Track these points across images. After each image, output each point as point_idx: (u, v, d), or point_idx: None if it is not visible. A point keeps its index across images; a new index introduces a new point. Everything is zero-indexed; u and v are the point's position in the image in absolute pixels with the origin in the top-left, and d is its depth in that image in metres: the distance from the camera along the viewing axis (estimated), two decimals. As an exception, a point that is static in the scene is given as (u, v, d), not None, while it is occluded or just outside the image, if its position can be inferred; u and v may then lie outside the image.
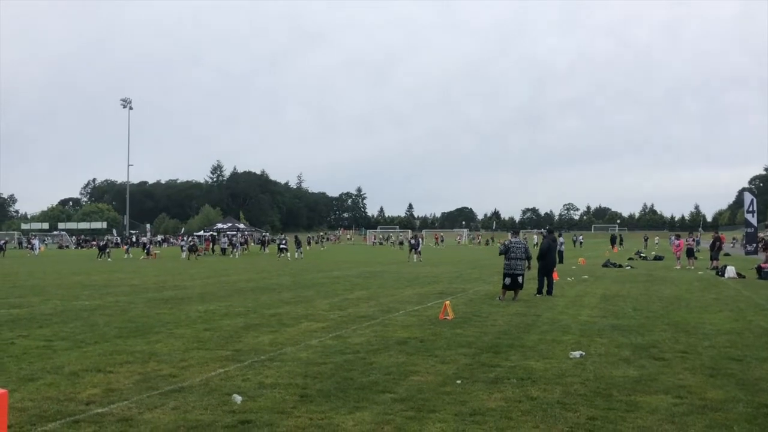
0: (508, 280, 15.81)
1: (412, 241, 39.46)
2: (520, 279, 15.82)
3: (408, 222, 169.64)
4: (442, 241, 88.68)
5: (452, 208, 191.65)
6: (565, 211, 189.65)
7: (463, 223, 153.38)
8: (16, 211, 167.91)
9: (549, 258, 17.30)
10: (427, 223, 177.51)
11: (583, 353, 8.86)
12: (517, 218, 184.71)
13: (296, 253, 44.68)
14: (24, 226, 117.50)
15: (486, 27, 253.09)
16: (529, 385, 7.14)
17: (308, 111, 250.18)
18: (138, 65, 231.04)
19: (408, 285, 20.31)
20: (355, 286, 20.13)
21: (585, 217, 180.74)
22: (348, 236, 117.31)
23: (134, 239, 72.26)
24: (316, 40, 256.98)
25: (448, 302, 12.89)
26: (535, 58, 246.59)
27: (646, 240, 75.66)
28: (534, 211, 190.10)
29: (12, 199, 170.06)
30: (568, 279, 22.38)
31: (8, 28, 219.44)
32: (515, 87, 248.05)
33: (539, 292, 16.96)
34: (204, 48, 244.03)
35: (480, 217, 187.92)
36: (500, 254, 16.39)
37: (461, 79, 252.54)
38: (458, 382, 7.22)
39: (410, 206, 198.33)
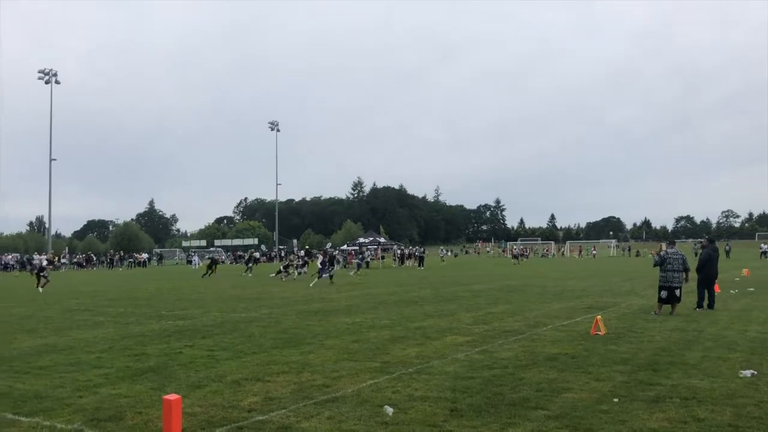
0: (664, 293, 14.89)
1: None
2: (677, 292, 14.85)
3: (550, 233, 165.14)
4: (581, 252, 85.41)
5: (598, 218, 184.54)
6: (724, 219, 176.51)
7: (611, 233, 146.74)
8: (178, 230, 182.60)
9: (709, 269, 16.11)
10: (571, 234, 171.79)
11: (755, 372, 8.15)
12: (669, 227, 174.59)
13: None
14: (185, 243, 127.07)
15: (627, 28, 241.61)
16: (694, 405, 6.67)
17: (444, 124, 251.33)
18: (282, 89, 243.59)
19: (554, 299, 19.70)
20: (497, 299, 19.83)
21: (747, 225, 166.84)
22: (488, 249, 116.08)
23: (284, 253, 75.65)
24: (449, 54, 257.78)
25: (599, 317, 12.35)
26: (684, 58, 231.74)
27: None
28: (689, 219, 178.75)
29: (174, 219, 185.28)
30: (732, 292, 20.73)
31: (168, 59, 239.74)
32: (662, 90, 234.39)
33: (699, 305, 15.82)
34: (342, 68, 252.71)
35: (629, 226, 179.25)
36: (655, 266, 15.49)
37: (602, 84, 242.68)
38: (615, 400, 6.89)
39: (552, 217, 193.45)
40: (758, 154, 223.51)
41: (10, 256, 73.80)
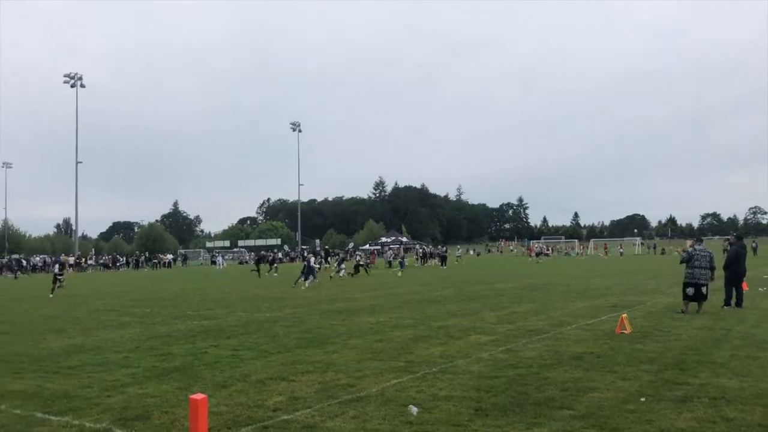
0: (690, 290, 14.69)
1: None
2: (703, 289, 14.64)
3: (574, 231, 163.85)
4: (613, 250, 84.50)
5: (622, 216, 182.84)
6: (752, 215, 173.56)
7: (635, 231, 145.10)
8: (202, 231, 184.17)
9: (737, 266, 15.86)
10: (595, 232, 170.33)
11: (786, 372, 8.02)
12: (695, 224, 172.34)
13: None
14: (209, 244, 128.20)
15: (646, 25, 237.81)
16: (723, 405, 6.57)
17: (466, 123, 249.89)
18: (304, 89, 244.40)
19: (578, 298, 19.54)
20: (521, 298, 19.71)
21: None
22: (511, 248, 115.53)
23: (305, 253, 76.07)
24: (469, 53, 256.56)
25: (624, 315, 12.22)
26: (704, 53, 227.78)
27: None
28: (715, 216, 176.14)
29: (198, 220, 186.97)
30: (760, 290, 20.39)
31: (189, 62, 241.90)
32: (683, 85, 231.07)
33: (727, 303, 15.58)
34: (363, 68, 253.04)
35: (653, 224, 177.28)
36: (681, 262, 15.31)
37: (623, 81, 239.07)
38: (642, 399, 6.81)
39: (576, 215, 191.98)
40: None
41: (38, 258, 75.05)
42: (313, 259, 29.80)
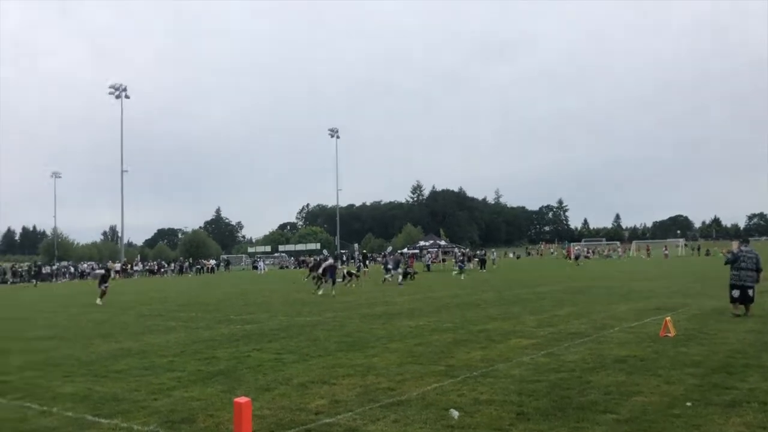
0: (736, 292, 14.34)
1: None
2: (750, 292, 14.28)
3: (615, 233, 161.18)
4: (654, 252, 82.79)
5: (665, 217, 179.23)
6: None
7: (678, 232, 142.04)
8: (243, 236, 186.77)
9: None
10: (637, 233, 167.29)
11: (839, 376, 7.77)
12: (741, 225, 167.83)
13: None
14: (250, 249, 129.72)
15: (688, 22, 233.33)
16: (774, 410, 6.41)
17: (504, 125, 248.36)
18: (341, 95, 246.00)
19: (621, 300, 19.23)
20: (563, 301, 19.47)
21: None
22: (551, 250, 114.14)
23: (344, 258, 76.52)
24: (508, 53, 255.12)
25: (668, 318, 11.99)
26: (748, 51, 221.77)
27: None
28: (762, 216, 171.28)
29: (239, 226, 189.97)
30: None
31: (226, 71, 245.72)
32: (726, 84, 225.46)
33: (776, 306, 15.17)
34: (398, 72, 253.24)
35: (697, 225, 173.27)
36: (726, 263, 14.96)
37: (662, 82, 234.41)
38: (688, 404, 6.69)
39: (617, 216, 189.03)
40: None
41: (86, 265, 77.00)
42: (330, 261, 29.43)
